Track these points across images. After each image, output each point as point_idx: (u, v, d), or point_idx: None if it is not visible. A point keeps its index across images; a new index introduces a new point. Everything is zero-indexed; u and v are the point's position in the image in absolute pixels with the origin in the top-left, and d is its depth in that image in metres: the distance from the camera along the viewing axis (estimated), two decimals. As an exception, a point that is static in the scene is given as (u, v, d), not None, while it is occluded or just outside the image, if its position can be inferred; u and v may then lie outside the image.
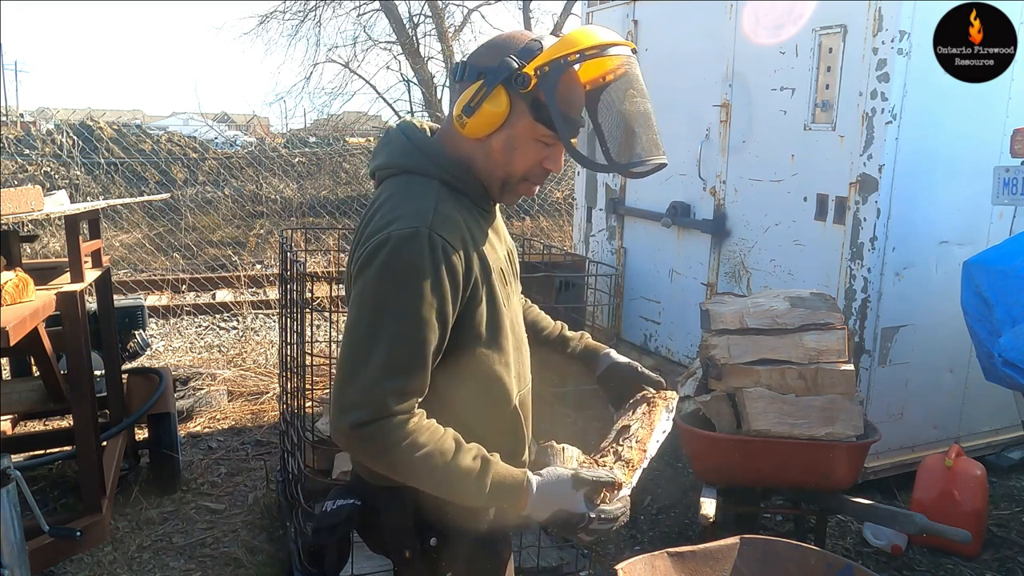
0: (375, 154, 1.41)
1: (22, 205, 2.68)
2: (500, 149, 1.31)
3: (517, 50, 1.27)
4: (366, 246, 1.25)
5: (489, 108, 1.26)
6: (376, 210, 1.31)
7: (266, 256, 9.66)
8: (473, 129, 1.29)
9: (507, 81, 1.25)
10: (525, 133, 1.30)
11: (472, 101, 1.26)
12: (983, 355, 2.75)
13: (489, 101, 1.26)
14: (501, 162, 1.32)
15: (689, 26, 4.05)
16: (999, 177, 2.98)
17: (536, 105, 1.27)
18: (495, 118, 1.27)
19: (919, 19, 2.94)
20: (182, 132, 16.01)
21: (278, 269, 3.80)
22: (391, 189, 1.32)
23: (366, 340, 1.21)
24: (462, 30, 15.05)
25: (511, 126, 1.29)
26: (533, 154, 1.32)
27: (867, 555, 3.09)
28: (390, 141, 1.38)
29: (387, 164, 1.36)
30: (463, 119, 1.28)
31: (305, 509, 2.58)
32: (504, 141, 1.30)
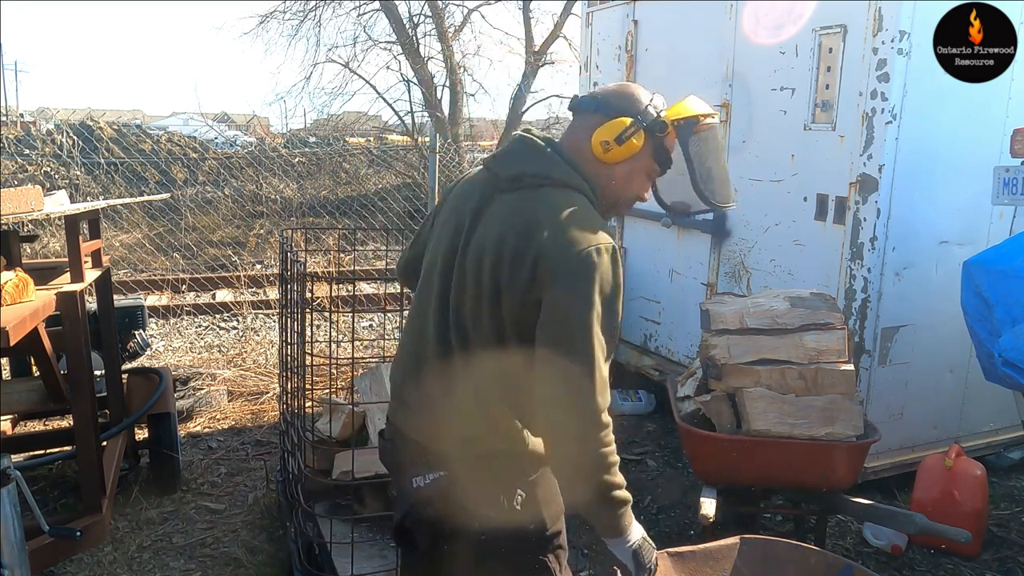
0: (519, 159, 1.57)
1: (22, 205, 2.68)
2: (622, 176, 1.61)
3: (650, 102, 1.60)
4: (570, 257, 1.42)
5: (634, 143, 1.57)
6: (546, 222, 1.46)
7: (266, 256, 9.66)
8: (613, 157, 1.57)
9: (650, 126, 1.58)
10: (643, 167, 1.62)
11: (624, 134, 1.56)
12: (983, 355, 2.75)
13: (635, 138, 1.57)
14: (619, 187, 1.62)
15: (689, 26, 4.05)
16: (999, 177, 2.98)
17: (659, 148, 1.61)
18: (633, 151, 1.58)
19: (919, 19, 2.94)
20: (182, 132, 16.04)
21: (278, 269, 3.80)
22: (555, 203, 1.50)
23: (597, 346, 1.43)
24: (462, 30, 15.05)
25: (636, 160, 1.60)
26: (641, 185, 1.65)
27: (867, 555, 3.09)
28: (542, 154, 1.56)
29: (542, 175, 1.54)
30: (610, 146, 1.56)
31: (305, 509, 2.58)
32: (627, 170, 1.61)
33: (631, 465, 3.88)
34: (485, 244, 1.51)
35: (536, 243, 1.45)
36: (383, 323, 6.21)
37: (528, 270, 1.44)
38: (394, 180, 13.21)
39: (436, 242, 1.65)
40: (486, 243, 1.51)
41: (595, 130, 1.57)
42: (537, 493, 1.57)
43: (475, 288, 1.50)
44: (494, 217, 1.53)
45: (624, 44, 4.45)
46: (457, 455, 1.55)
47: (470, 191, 1.63)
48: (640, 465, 3.91)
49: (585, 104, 1.63)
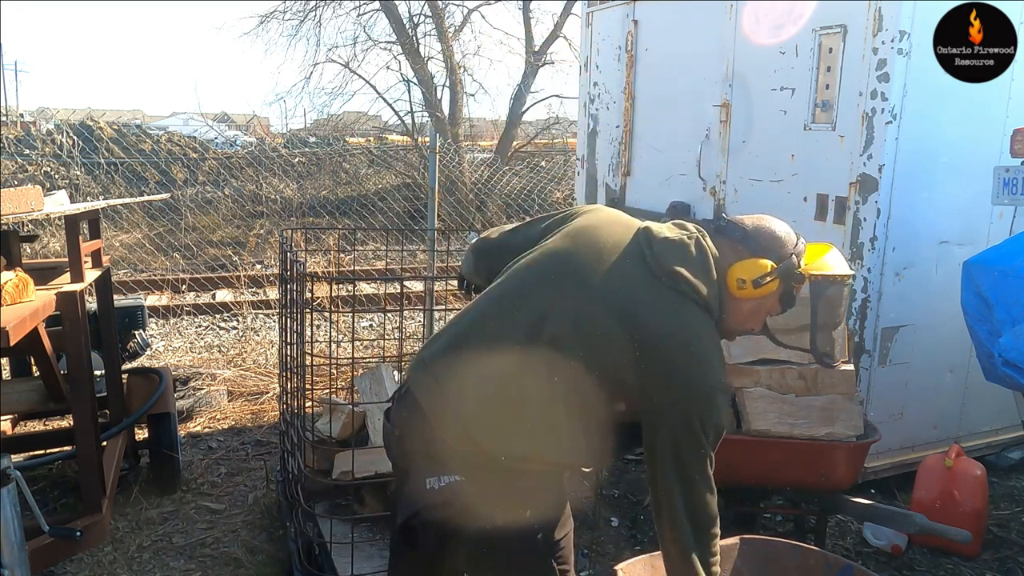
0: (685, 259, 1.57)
1: (22, 205, 2.68)
2: (746, 312, 1.65)
3: (794, 249, 1.64)
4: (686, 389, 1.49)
5: (770, 287, 1.61)
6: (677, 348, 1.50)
7: (266, 256, 9.66)
8: (745, 295, 1.61)
9: (787, 274, 1.62)
10: (767, 307, 1.67)
11: (762, 279, 1.59)
12: (983, 355, 2.75)
13: (772, 285, 1.61)
14: (741, 320, 1.67)
15: (689, 26, 4.05)
16: (999, 177, 2.98)
17: (787, 294, 1.65)
18: (765, 294, 1.62)
19: (919, 19, 2.94)
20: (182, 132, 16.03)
21: (278, 269, 3.80)
22: (695, 316, 1.55)
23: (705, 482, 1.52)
24: (462, 30, 15.04)
25: (763, 299, 1.64)
26: (759, 322, 1.71)
27: (867, 555, 3.09)
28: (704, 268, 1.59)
29: (697, 290, 1.56)
30: (746, 285, 1.59)
31: (305, 509, 2.58)
32: (752, 308, 1.65)
33: (631, 465, 3.88)
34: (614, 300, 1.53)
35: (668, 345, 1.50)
36: (383, 323, 6.21)
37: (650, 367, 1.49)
38: (394, 180, 13.20)
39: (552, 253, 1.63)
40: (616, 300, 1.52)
41: (734, 263, 1.61)
42: (547, 500, 1.57)
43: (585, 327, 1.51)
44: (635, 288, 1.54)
45: (624, 44, 4.45)
46: (480, 464, 1.52)
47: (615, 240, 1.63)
48: (640, 465, 3.91)
49: (731, 232, 1.65)
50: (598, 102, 4.81)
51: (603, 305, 1.53)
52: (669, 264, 1.56)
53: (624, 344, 1.49)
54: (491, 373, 1.53)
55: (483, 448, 1.51)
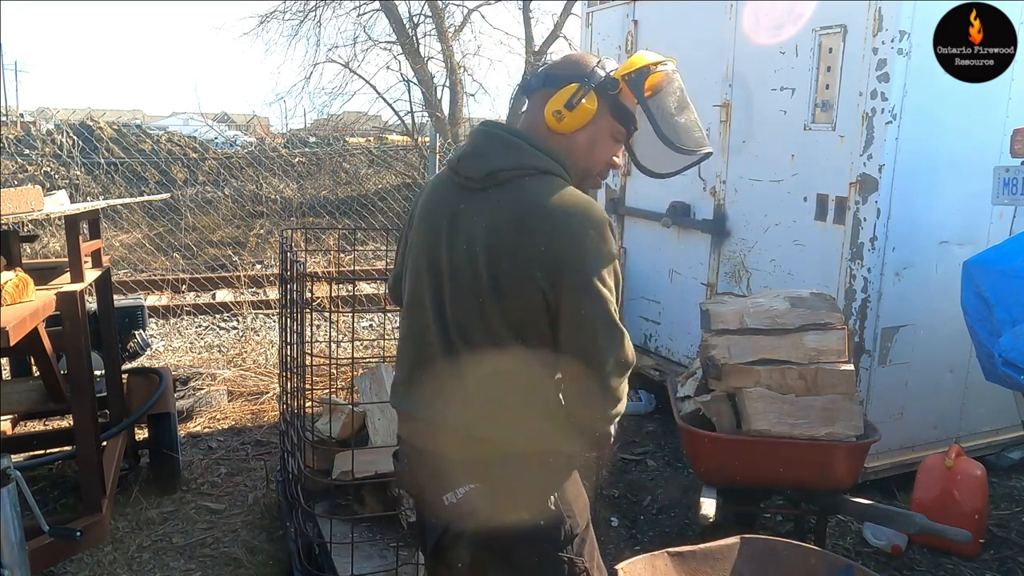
0: (487, 155, 1.51)
1: (22, 205, 2.68)
2: (584, 144, 1.54)
3: (597, 64, 1.54)
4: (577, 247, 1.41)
5: (586, 105, 1.50)
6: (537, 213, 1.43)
7: (266, 256, 9.66)
8: (568, 124, 1.51)
9: (600, 85, 1.51)
10: (605, 130, 1.55)
11: (573, 99, 1.49)
12: (983, 355, 2.75)
13: (587, 100, 1.50)
14: (584, 155, 1.55)
15: (689, 26, 4.05)
16: (999, 177, 2.98)
17: (616, 107, 1.54)
18: (588, 115, 1.51)
19: (919, 19, 2.94)
20: (182, 132, 16.03)
21: (278, 269, 3.80)
22: (539, 191, 1.46)
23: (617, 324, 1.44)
24: (462, 30, 15.05)
25: (595, 124, 1.53)
26: (608, 150, 1.58)
27: (867, 555, 3.09)
28: (508, 144, 1.51)
29: (519, 165, 1.48)
30: (562, 114, 1.50)
31: (305, 509, 2.58)
32: (588, 137, 1.54)
33: (631, 465, 3.88)
34: (475, 242, 1.46)
35: (538, 240, 1.41)
36: (383, 323, 6.21)
37: (535, 266, 1.41)
38: (394, 180, 13.20)
39: (416, 255, 1.59)
40: (475, 241, 1.46)
41: (546, 103, 1.52)
42: (567, 492, 1.55)
43: (472, 287, 1.46)
44: (477, 215, 1.48)
45: (624, 44, 4.45)
46: (486, 463, 1.49)
47: (440, 197, 1.58)
48: (640, 465, 3.91)
49: (535, 83, 1.59)
50: (598, 102, 4.80)
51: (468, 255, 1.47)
52: (479, 170, 1.50)
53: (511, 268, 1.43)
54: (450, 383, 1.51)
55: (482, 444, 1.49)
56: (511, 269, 1.43)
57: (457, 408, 1.50)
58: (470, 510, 1.48)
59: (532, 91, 1.59)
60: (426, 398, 1.56)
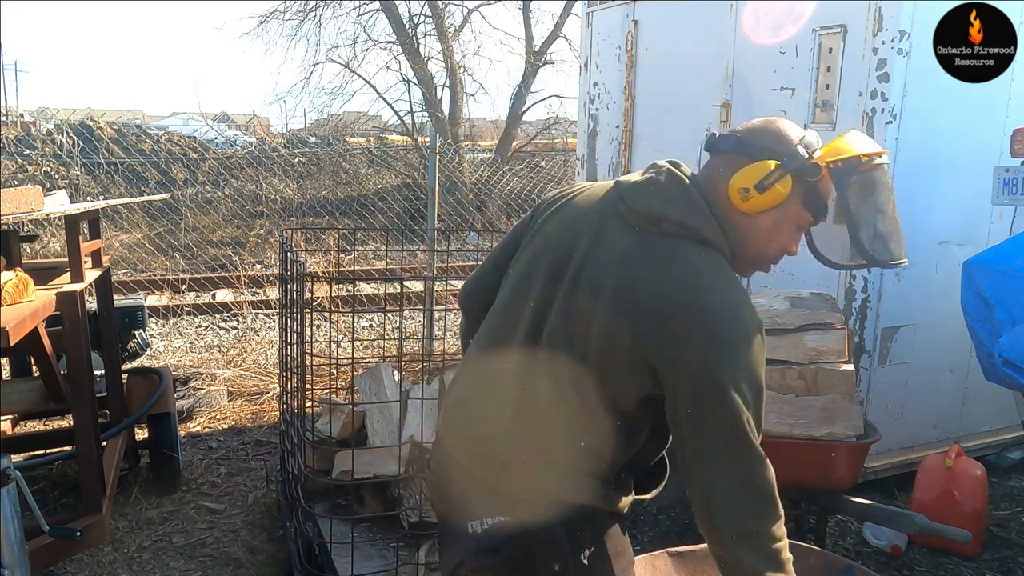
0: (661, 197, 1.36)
1: (22, 205, 2.68)
2: (765, 229, 1.39)
3: (800, 141, 1.38)
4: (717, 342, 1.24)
5: (779, 189, 1.34)
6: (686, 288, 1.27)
7: (266, 256, 9.66)
8: (755, 205, 1.35)
9: (799, 168, 1.35)
10: (791, 217, 1.39)
11: (767, 180, 1.34)
12: (983, 355, 2.75)
13: (780, 184, 1.34)
14: (762, 240, 1.40)
15: (689, 26, 4.05)
16: (999, 177, 2.98)
17: (810, 194, 1.37)
18: (778, 199, 1.35)
19: (919, 19, 2.94)
20: (182, 132, 16.02)
21: (278, 269, 3.80)
22: (696, 265, 1.30)
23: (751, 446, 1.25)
24: (462, 30, 15.05)
25: (782, 209, 1.37)
26: (789, 238, 1.42)
27: (867, 555, 3.09)
28: (687, 199, 1.36)
29: (688, 225, 1.33)
30: (750, 194, 1.34)
31: (305, 509, 2.58)
32: (771, 221, 1.38)
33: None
34: (604, 281, 1.31)
35: (674, 320, 1.25)
36: (383, 323, 6.21)
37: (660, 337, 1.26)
38: (394, 180, 13.21)
39: (535, 256, 1.44)
40: (605, 280, 1.31)
41: (733, 175, 1.36)
42: (607, 545, 1.40)
43: (584, 322, 1.31)
44: (620, 254, 1.33)
45: (624, 44, 4.45)
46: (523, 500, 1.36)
47: (590, 210, 1.42)
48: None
49: (723, 144, 1.42)
50: (598, 102, 4.81)
51: (585, 288, 1.32)
52: (644, 207, 1.34)
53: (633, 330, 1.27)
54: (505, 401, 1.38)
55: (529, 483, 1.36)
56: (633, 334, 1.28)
57: (514, 439, 1.37)
58: (491, 546, 1.36)
59: (720, 151, 1.43)
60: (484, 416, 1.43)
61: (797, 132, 1.40)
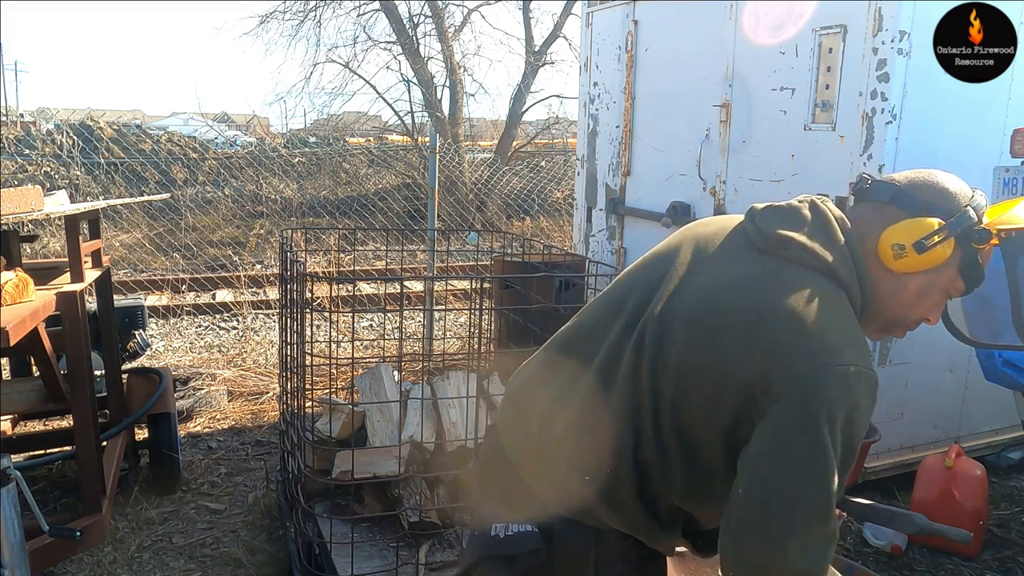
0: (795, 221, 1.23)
1: (22, 205, 2.68)
2: (914, 291, 1.25)
3: (970, 202, 1.25)
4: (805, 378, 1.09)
5: (940, 252, 1.21)
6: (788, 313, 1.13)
7: (266, 256, 9.66)
8: (908, 265, 1.22)
9: (965, 232, 1.22)
10: (943, 283, 1.26)
11: (927, 240, 1.20)
12: (983, 355, 2.75)
13: (944, 246, 1.21)
14: (906, 303, 1.26)
15: (689, 26, 4.05)
16: (999, 177, 2.98)
17: (970, 261, 1.24)
18: (935, 262, 1.22)
19: (919, 19, 2.94)
20: (182, 132, 16.03)
21: (278, 269, 3.80)
22: (809, 295, 1.15)
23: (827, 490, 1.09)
24: (462, 30, 15.05)
25: (936, 273, 1.24)
26: (935, 305, 1.28)
27: (867, 555, 3.09)
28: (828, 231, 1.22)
29: (817, 253, 1.19)
30: (906, 252, 1.21)
31: (305, 509, 2.58)
32: (922, 284, 1.25)
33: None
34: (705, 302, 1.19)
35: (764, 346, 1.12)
36: (383, 323, 6.21)
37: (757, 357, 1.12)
38: (394, 180, 13.21)
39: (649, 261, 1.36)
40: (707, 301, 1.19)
41: (888, 227, 1.22)
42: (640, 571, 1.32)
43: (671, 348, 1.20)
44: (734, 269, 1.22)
45: (624, 44, 4.45)
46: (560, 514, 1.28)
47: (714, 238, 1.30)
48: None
49: (879, 192, 1.27)
50: (598, 102, 4.81)
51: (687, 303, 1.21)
52: (773, 228, 1.21)
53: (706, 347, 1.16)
54: (569, 406, 1.29)
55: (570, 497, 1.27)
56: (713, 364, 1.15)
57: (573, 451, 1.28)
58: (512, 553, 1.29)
59: (871, 199, 1.28)
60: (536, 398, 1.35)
61: (966, 192, 1.28)
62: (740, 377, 1.13)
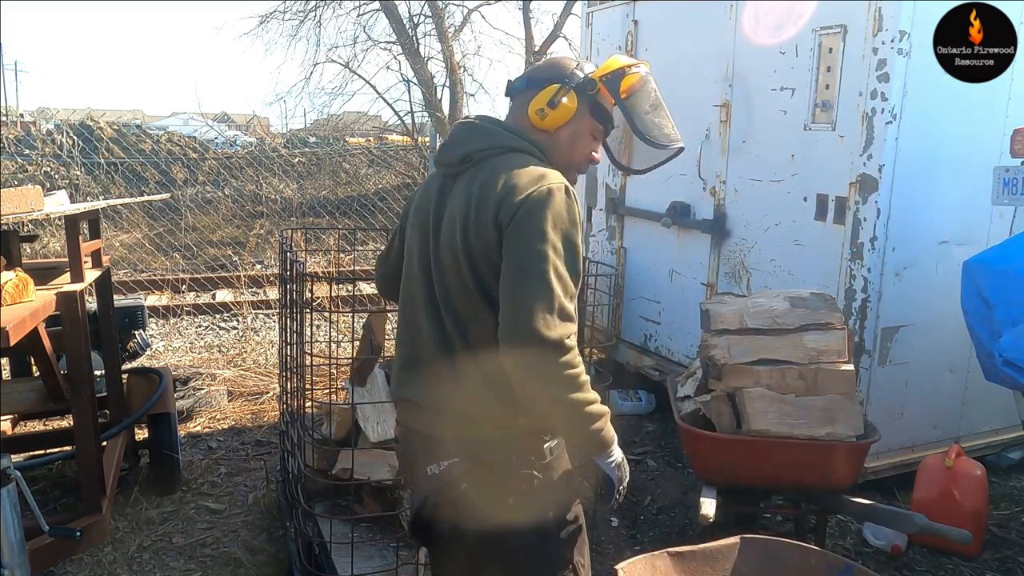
0: (464, 141, 1.63)
1: (22, 205, 2.68)
2: (566, 140, 1.66)
3: (576, 66, 1.67)
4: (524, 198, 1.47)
5: (567, 104, 1.62)
6: (500, 177, 1.51)
7: (266, 256, 9.66)
8: (551, 122, 1.63)
9: (579, 86, 1.64)
10: (585, 128, 1.67)
11: (555, 98, 1.62)
12: (983, 355, 2.75)
13: (567, 99, 1.62)
14: (565, 151, 1.66)
15: (689, 26, 4.05)
16: (999, 177, 2.98)
17: (594, 106, 1.66)
18: (569, 113, 1.63)
19: (919, 19, 2.94)
20: (182, 132, 16.03)
21: (278, 269, 3.80)
22: (506, 163, 1.55)
23: (552, 273, 1.43)
24: (462, 30, 15.04)
25: (575, 122, 1.65)
26: (588, 146, 1.69)
27: (867, 555, 3.09)
28: (483, 130, 1.63)
29: (491, 146, 1.59)
30: (544, 112, 1.62)
31: (305, 509, 2.58)
32: (569, 134, 1.66)
33: (631, 465, 3.88)
34: (454, 220, 1.55)
35: (493, 199, 1.49)
36: (383, 323, 6.20)
37: (492, 226, 1.49)
38: (394, 180, 13.21)
39: (408, 245, 1.69)
40: (454, 220, 1.55)
41: (530, 103, 1.63)
42: (554, 475, 1.58)
43: (454, 265, 1.54)
44: (455, 197, 1.58)
45: (624, 44, 4.45)
46: (464, 440, 1.55)
47: (428, 190, 1.68)
48: (640, 465, 3.91)
49: (518, 84, 1.69)
50: (598, 102, 4.80)
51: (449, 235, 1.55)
52: (456, 155, 1.61)
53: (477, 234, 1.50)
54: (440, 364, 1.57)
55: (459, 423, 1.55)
56: (477, 232, 1.50)
57: (444, 390, 1.57)
58: (449, 480, 1.54)
59: (516, 93, 1.69)
60: (418, 383, 1.63)
61: (572, 61, 1.69)
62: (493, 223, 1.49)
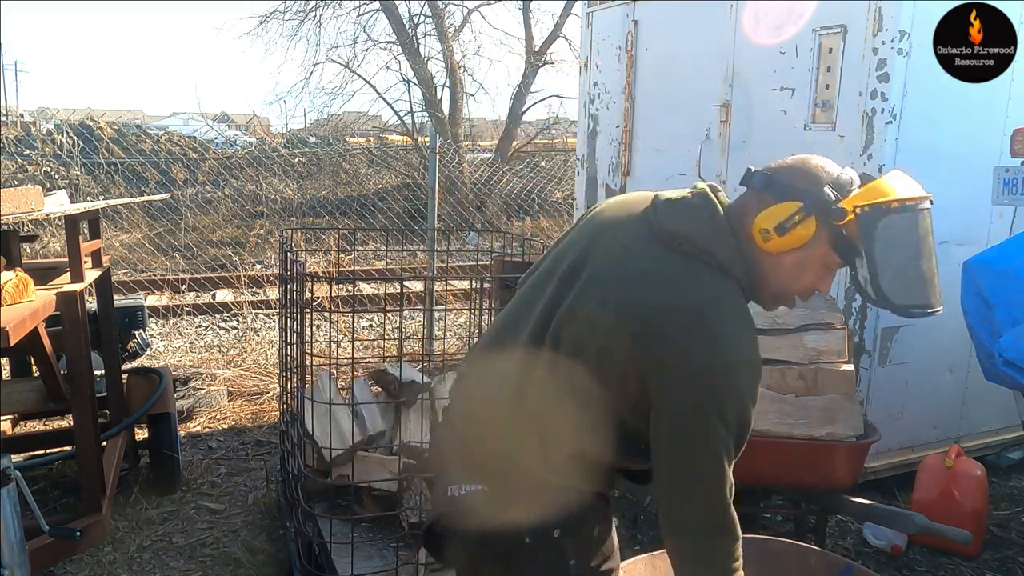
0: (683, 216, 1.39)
1: (22, 205, 2.68)
2: (791, 267, 1.39)
3: (831, 182, 1.38)
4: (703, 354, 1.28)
5: (799, 232, 1.35)
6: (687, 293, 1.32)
7: (266, 256, 9.66)
8: (776, 246, 1.36)
9: (823, 212, 1.34)
10: (819, 258, 1.39)
11: (787, 222, 1.34)
12: (983, 355, 2.75)
13: (802, 227, 1.34)
14: (786, 279, 1.42)
15: (689, 26, 4.05)
16: (999, 177, 2.98)
17: (838, 238, 1.36)
18: (800, 241, 1.35)
19: (919, 19, 2.94)
20: (182, 132, 16.03)
21: (278, 269, 3.80)
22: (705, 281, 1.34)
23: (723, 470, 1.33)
24: (462, 30, 15.04)
25: (808, 249, 1.37)
26: (818, 278, 1.42)
27: (867, 555, 3.09)
28: (710, 218, 1.38)
29: (702, 247, 1.35)
30: (770, 235, 1.35)
31: (305, 509, 2.58)
32: (797, 260, 1.39)
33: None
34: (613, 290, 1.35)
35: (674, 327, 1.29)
36: (383, 323, 6.21)
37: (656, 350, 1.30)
38: (394, 180, 13.20)
39: (559, 254, 1.51)
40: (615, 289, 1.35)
41: (759, 213, 1.37)
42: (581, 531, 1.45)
43: (588, 325, 1.35)
44: (636, 267, 1.37)
45: (624, 44, 4.45)
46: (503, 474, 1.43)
47: (622, 220, 1.46)
48: (640, 465, 3.91)
49: (756, 181, 1.42)
50: (598, 102, 4.81)
51: (596, 290, 1.36)
52: (667, 224, 1.37)
53: (617, 332, 1.32)
54: (504, 381, 1.44)
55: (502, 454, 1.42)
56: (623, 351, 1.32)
57: (507, 412, 1.43)
58: (465, 509, 1.44)
59: (752, 187, 1.43)
60: (484, 395, 1.51)
61: (830, 172, 1.40)
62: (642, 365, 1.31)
